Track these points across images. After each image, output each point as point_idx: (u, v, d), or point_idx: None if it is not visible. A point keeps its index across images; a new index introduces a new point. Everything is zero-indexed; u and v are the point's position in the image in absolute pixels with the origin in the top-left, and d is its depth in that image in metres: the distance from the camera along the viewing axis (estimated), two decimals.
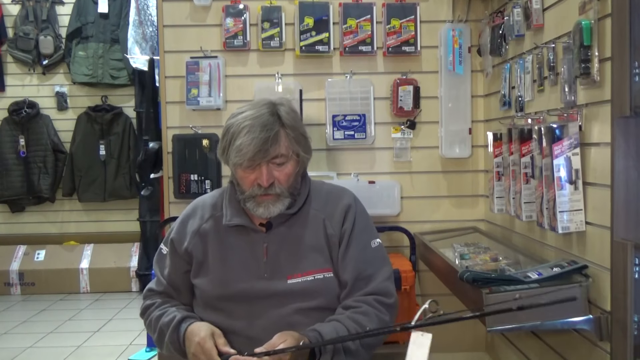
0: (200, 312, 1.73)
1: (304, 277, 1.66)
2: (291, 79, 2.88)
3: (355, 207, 1.76)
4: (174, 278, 1.76)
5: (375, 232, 1.80)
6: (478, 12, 2.84)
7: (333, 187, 1.86)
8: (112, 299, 4.75)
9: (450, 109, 2.86)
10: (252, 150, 1.59)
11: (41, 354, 3.53)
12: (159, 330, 1.71)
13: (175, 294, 1.77)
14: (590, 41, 1.72)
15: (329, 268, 1.68)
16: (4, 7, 5.24)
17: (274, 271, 1.67)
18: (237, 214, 1.72)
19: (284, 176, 1.65)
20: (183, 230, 1.77)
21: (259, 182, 1.63)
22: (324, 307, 1.67)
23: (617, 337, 1.66)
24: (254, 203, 1.66)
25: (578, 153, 1.83)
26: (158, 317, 1.72)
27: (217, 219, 1.75)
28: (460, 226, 2.90)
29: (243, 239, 1.72)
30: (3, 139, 5.13)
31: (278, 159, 1.64)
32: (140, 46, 4.22)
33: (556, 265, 1.82)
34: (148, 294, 1.82)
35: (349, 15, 2.83)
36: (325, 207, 1.74)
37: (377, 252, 1.75)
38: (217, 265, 1.71)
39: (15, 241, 5.18)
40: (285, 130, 1.65)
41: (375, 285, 1.68)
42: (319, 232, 1.71)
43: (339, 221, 1.72)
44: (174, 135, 2.86)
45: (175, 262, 1.76)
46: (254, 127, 1.61)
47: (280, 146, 1.63)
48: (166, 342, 1.69)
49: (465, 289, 1.88)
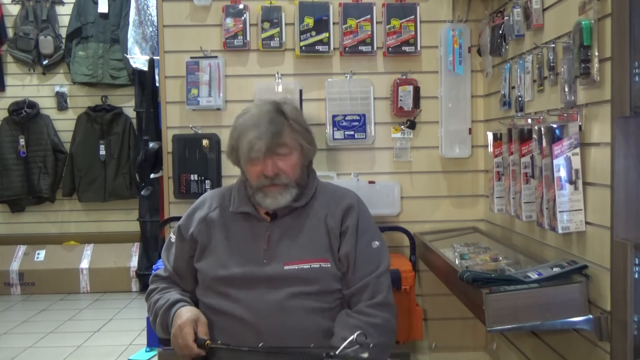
0: (202, 295, 1.78)
1: (301, 265, 1.71)
2: (291, 79, 2.88)
3: (357, 207, 1.82)
4: (179, 264, 1.83)
5: (377, 232, 1.85)
6: (478, 12, 2.83)
7: (338, 187, 1.93)
8: (112, 299, 4.75)
9: (450, 109, 2.86)
10: (261, 146, 1.67)
11: (41, 354, 3.53)
12: (154, 312, 1.78)
13: (179, 280, 1.84)
14: (590, 41, 1.72)
15: (326, 259, 1.74)
16: (4, 7, 5.24)
17: (272, 258, 1.73)
18: (244, 202, 1.79)
19: (288, 167, 1.72)
20: (190, 218, 1.85)
21: (264, 173, 1.70)
22: (317, 292, 1.71)
23: (617, 337, 1.66)
24: (262, 194, 1.73)
25: (578, 153, 1.83)
26: (156, 300, 1.79)
27: (224, 207, 1.83)
28: (460, 226, 2.90)
29: (247, 225, 1.79)
30: (3, 139, 5.13)
31: (282, 149, 1.71)
32: (140, 46, 4.22)
33: (556, 265, 1.82)
34: (154, 279, 1.88)
35: (349, 15, 2.83)
36: (328, 205, 1.81)
37: (377, 252, 1.81)
38: (219, 248, 1.77)
39: (15, 241, 5.18)
40: (289, 123, 1.73)
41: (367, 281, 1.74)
42: (320, 225, 1.77)
43: (339, 217, 1.78)
44: (174, 135, 2.86)
45: (181, 248, 1.83)
46: (261, 125, 1.69)
47: (285, 137, 1.71)
48: (157, 324, 1.75)
49: (465, 289, 1.88)
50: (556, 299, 1.73)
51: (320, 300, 1.71)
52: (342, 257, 1.75)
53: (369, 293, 1.73)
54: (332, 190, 1.88)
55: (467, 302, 1.99)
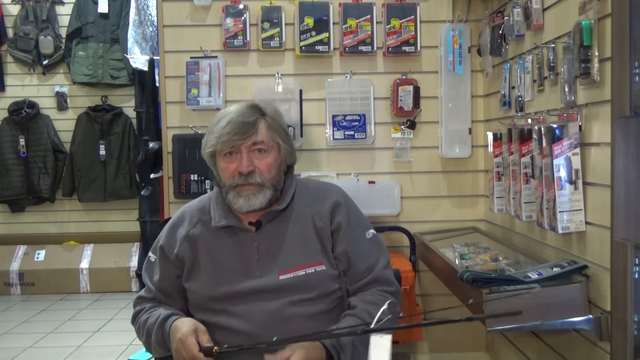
0: (195, 312, 1.73)
1: (295, 272, 1.67)
2: (291, 79, 2.88)
3: (344, 202, 1.77)
4: (164, 284, 1.76)
5: (367, 223, 1.82)
6: (478, 12, 2.83)
7: (320, 183, 1.89)
8: (112, 299, 4.76)
9: (450, 109, 2.86)
10: (229, 131, 1.62)
11: (41, 354, 3.53)
12: (146, 332, 1.71)
13: (165, 300, 1.77)
14: (590, 41, 1.72)
15: (320, 261, 1.69)
16: (4, 7, 5.24)
17: (265, 269, 1.68)
18: (225, 215, 1.72)
19: (264, 165, 1.66)
20: (172, 237, 1.77)
21: (239, 169, 1.64)
22: (316, 297, 1.68)
23: (617, 337, 1.66)
24: (235, 194, 1.67)
25: (578, 153, 1.83)
26: (145, 320, 1.73)
27: (206, 222, 1.75)
28: (460, 226, 2.90)
29: (233, 239, 1.72)
30: (3, 139, 5.13)
31: (258, 145, 1.66)
32: (140, 46, 4.22)
33: (556, 265, 1.82)
34: (138, 301, 1.81)
35: (349, 15, 2.83)
36: (313, 203, 1.76)
37: (372, 242, 1.77)
38: (208, 268, 1.71)
39: (15, 241, 5.18)
40: (265, 119, 1.68)
41: (374, 275, 1.71)
42: (308, 227, 1.72)
43: (327, 216, 1.73)
44: (174, 135, 2.86)
45: (166, 268, 1.76)
46: (234, 113, 1.66)
47: (259, 133, 1.66)
48: (153, 343, 1.69)
49: (465, 289, 1.87)
50: (556, 299, 1.73)
51: (319, 303, 1.68)
52: (340, 255, 1.71)
53: (378, 285, 1.71)
54: (315, 188, 1.82)
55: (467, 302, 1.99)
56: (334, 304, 1.72)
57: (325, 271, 1.69)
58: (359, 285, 1.71)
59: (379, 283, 1.71)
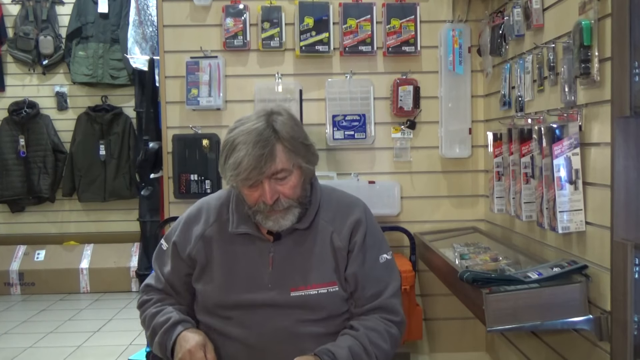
0: (202, 316, 1.71)
1: (308, 291, 1.63)
2: (291, 79, 2.88)
3: (365, 221, 1.71)
4: (174, 279, 1.74)
5: (385, 246, 1.75)
6: (478, 12, 2.84)
7: (344, 196, 1.79)
8: (112, 299, 4.75)
9: (450, 109, 2.86)
10: (246, 167, 1.53)
11: (41, 354, 3.53)
12: (152, 328, 1.69)
13: (173, 293, 1.75)
14: (590, 41, 1.72)
15: (334, 281, 1.65)
16: (4, 7, 5.24)
17: (277, 282, 1.64)
18: (244, 221, 1.67)
19: (288, 190, 1.59)
20: (187, 234, 1.73)
21: (263, 199, 1.58)
22: (325, 318, 1.64)
23: (617, 337, 1.66)
24: (263, 216, 1.61)
25: (578, 153, 1.83)
26: (153, 314, 1.71)
27: (223, 224, 1.70)
28: (460, 226, 2.90)
29: (249, 247, 1.68)
30: (3, 139, 5.13)
31: (279, 174, 1.58)
32: (140, 46, 4.22)
33: (556, 265, 1.82)
34: (147, 289, 1.79)
35: (349, 15, 2.83)
36: (334, 220, 1.70)
37: (385, 267, 1.71)
38: (220, 272, 1.67)
39: (15, 241, 5.18)
40: (282, 144, 1.58)
41: (380, 302, 1.66)
42: (325, 245, 1.67)
43: (346, 235, 1.68)
44: (174, 135, 2.86)
45: (177, 265, 1.73)
46: (248, 143, 1.54)
47: (278, 162, 1.56)
48: (156, 342, 1.67)
49: (465, 289, 1.88)
50: (556, 299, 1.73)
51: (327, 325, 1.64)
52: (349, 276, 1.66)
53: (383, 313, 1.66)
54: (338, 201, 1.74)
55: (467, 302, 1.99)
56: (342, 326, 1.68)
57: (337, 292, 1.65)
58: (363, 309, 1.66)
59: (384, 311, 1.66)
